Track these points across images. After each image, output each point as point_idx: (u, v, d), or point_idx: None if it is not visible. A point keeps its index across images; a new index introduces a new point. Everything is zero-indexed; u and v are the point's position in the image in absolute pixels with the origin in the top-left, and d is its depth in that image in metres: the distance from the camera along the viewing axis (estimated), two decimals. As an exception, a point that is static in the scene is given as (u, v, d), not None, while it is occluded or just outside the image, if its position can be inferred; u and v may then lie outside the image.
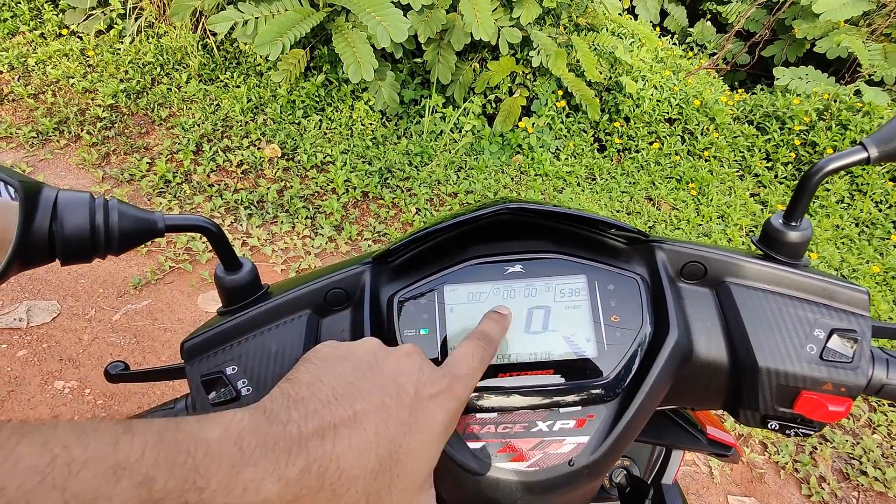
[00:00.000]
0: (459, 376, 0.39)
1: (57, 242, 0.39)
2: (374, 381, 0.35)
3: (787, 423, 0.48)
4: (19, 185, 0.37)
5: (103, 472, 0.25)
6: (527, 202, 0.46)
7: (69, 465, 0.25)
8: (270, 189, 2.85)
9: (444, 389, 0.37)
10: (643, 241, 0.49)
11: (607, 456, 0.44)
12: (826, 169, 0.45)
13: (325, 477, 0.30)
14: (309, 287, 0.49)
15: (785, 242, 0.49)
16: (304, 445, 0.30)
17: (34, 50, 3.36)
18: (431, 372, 0.37)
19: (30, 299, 2.20)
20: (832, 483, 2.03)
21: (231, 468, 0.28)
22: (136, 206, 0.43)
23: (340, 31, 2.87)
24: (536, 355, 0.46)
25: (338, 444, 0.31)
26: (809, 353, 0.45)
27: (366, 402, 0.33)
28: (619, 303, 0.46)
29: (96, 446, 0.26)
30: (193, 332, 0.49)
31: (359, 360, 0.36)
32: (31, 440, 0.25)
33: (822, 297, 0.46)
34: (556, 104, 3.43)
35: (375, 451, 0.32)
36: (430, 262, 0.50)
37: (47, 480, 0.24)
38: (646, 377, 0.44)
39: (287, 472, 0.29)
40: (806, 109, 3.57)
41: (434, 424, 0.35)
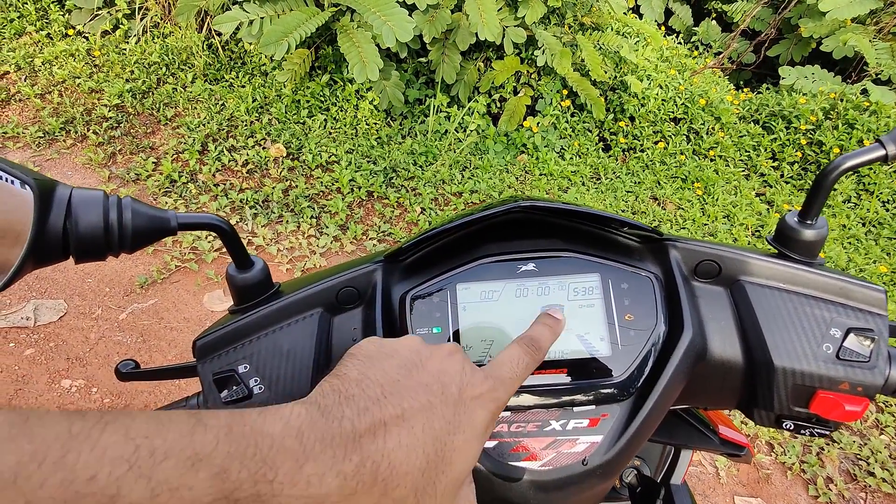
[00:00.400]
0: (502, 380, 0.39)
1: (71, 240, 0.39)
2: (420, 380, 0.36)
3: (803, 423, 0.47)
4: (34, 182, 0.37)
5: (183, 462, 0.26)
6: (539, 200, 0.45)
7: (152, 454, 0.26)
8: (275, 188, 2.85)
9: (487, 391, 0.37)
10: (656, 239, 0.49)
11: (621, 455, 0.44)
12: (843, 167, 0.45)
13: (378, 473, 0.31)
14: (320, 286, 0.49)
15: (800, 241, 0.48)
16: (358, 442, 0.31)
17: (41, 50, 3.38)
18: (473, 373, 0.38)
19: (37, 298, 2.21)
20: (839, 484, 2.01)
21: (295, 462, 0.29)
22: (149, 204, 0.43)
23: (345, 30, 2.87)
24: (550, 354, 0.46)
25: (389, 441, 0.32)
26: (826, 353, 0.45)
27: (413, 400, 0.34)
28: (633, 302, 0.46)
29: (174, 437, 0.27)
30: (205, 331, 0.49)
31: (403, 359, 0.37)
32: (113, 429, 0.26)
33: (839, 296, 0.46)
34: (560, 104, 3.42)
35: (423, 448, 0.33)
36: (442, 260, 0.49)
37: (134, 469, 0.25)
38: (660, 376, 0.44)
39: (344, 467, 0.30)
40: (812, 108, 3.55)
41: (476, 424, 0.36)
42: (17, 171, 0.37)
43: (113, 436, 0.25)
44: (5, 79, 3.23)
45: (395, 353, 0.37)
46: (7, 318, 2.11)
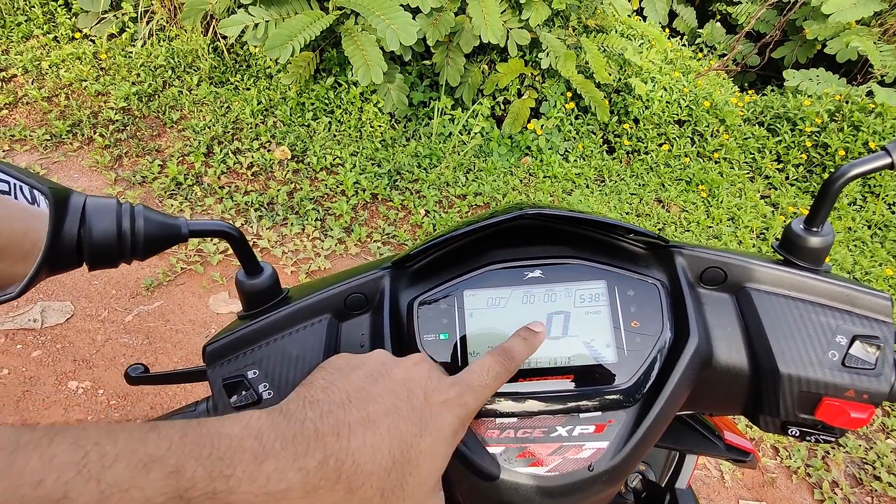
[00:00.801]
0: (471, 387, 0.39)
1: (85, 248, 0.40)
2: (385, 387, 0.36)
3: (808, 430, 0.47)
4: (49, 191, 0.37)
5: (134, 464, 0.27)
6: (546, 207, 0.46)
7: (102, 458, 0.26)
8: (280, 191, 2.86)
9: (454, 397, 0.38)
10: (662, 246, 0.49)
11: (627, 461, 0.44)
12: (849, 174, 0.45)
13: (342, 470, 0.31)
14: (329, 292, 0.50)
15: (806, 248, 0.48)
16: (321, 440, 0.32)
17: (48, 53, 3.40)
18: (440, 380, 0.39)
19: (44, 300, 2.23)
20: (845, 488, 2.01)
21: (254, 459, 0.29)
22: (161, 211, 0.44)
23: (350, 33, 2.89)
24: (556, 360, 0.46)
25: (353, 441, 0.32)
26: (831, 360, 0.45)
27: (378, 404, 0.35)
28: (639, 308, 0.46)
29: (125, 442, 0.27)
30: (215, 336, 0.50)
31: (370, 369, 0.38)
32: (62, 439, 0.27)
33: (845, 304, 0.46)
34: (564, 106, 3.42)
35: (388, 448, 0.33)
36: (450, 267, 0.50)
37: (83, 472, 0.26)
38: (666, 383, 0.44)
39: (306, 463, 0.30)
40: (817, 111, 3.54)
41: (443, 428, 0.36)
42: (33, 180, 0.37)
43: (61, 444, 0.26)
44: (13, 82, 3.25)
45: (361, 365, 0.38)
46: (14, 319, 2.13)
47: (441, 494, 0.38)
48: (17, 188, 0.39)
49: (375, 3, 2.75)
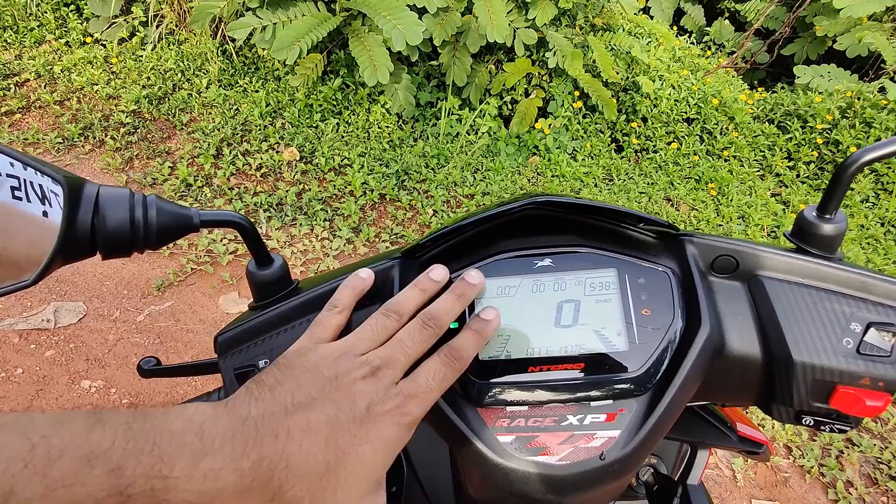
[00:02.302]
0: (414, 395, 0.40)
1: (98, 237, 0.40)
2: (331, 396, 0.37)
3: (822, 419, 0.47)
4: (64, 180, 0.38)
5: (79, 459, 0.28)
6: (554, 196, 0.46)
7: (48, 452, 0.27)
8: (289, 192, 2.88)
9: (396, 406, 0.39)
10: (673, 235, 0.49)
11: (638, 450, 0.44)
12: (862, 160, 0.45)
13: (275, 473, 0.33)
14: (339, 282, 0.50)
15: (819, 235, 0.48)
16: (259, 440, 0.33)
17: (60, 58, 3.45)
18: (386, 390, 0.39)
19: (57, 301, 2.26)
20: (860, 488, 1.98)
21: (192, 457, 0.30)
22: (172, 201, 0.44)
23: (357, 34, 2.90)
24: (566, 349, 0.46)
25: (289, 445, 0.34)
26: (846, 347, 0.44)
27: (319, 412, 0.36)
28: (650, 296, 0.46)
29: (71, 436, 0.28)
30: (226, 327, 0.50)
31: (320, 374, 0.39)
32: (10, 429, 0.27)
33: (859, 291, 0.46)
34: (572, 105, 3.42)
35: (324, 455, 0.35)
36: (459, 257, 0.50)
37: (29, 467, 0.26)
38: (677, 371, 0.44)
39: (242, 463, 0.32)
40: (828, 107, 3.50)
41: (384, 437, 0.38)
42: (48, 169, 0.38)
43: (9, 435, 0.27)
44: (26, 86, 3.30)
45: (314, 369, 0.39)
46: (28, 320, 2.15)
47: (380, 494, 0.39)
48: (28, 185, 0.40)
49: (382, 3, 2.76)
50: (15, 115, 3.11)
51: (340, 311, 0.45)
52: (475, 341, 0.43)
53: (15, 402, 1.90)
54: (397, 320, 0.44)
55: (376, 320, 0.43)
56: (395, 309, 0.44)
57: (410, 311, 0.44)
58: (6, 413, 0.29)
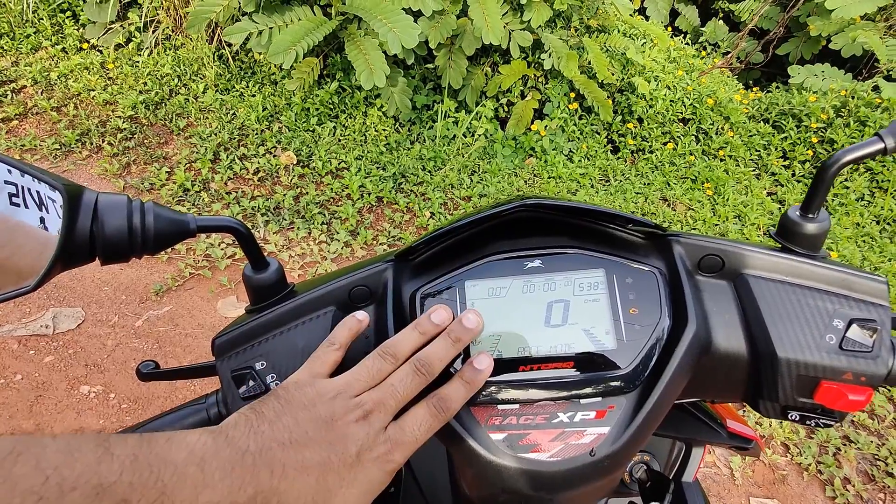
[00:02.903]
0: (400, 443, 0.42)
1: (97, 243, 0.41)
2: (325, 437, 0.39)
3: (808, 414, 0.48)
4: (63, 187, 0.39)
5: (88, 492, 0.29)
6: (544, 198, 0.47)
7: (60, 485, 0.29)
8: (286, 196, 2.89)
9: (383, 454, 0.41)
10: (660, 235, 0.50)
11: (628, 446, 0.45)
12: (842, 160, 0.46)
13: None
14: (333, 285, 0.51)
15: (803, 234, 0.49)
16: (256, 475, 0.35)
17: (56, 64, 3.46)
18: (376, 437, 0.41)
19: (55, 306, 2.26)
20: (857, 485, 1.99)
21: (193, 489, 0.32)
22: (170, 207, 0.45)
23: (353, 38, 2.91)
24: (556, 348, 0.47)
25: (283, 483, 0.36)
26: (829, 343, 0.45)
27: (314, 453, 0.38)
28: (638, 296, 0.47)
29: (81, 468, 0.30)
30: (223, 330, 0.51)
31: (317, 414, 0.40)
32: (25, 461, 0.29)
33: (841, 288, 0.47)
34: (568, 107, 3.43)
35: (313, 496, 0.37)
36: (451, 259, 0.51)
37: (43, 500, 0.28)
38: (665, 369, 0.45)
39: (238, 497, 0.33)
40: (823, 106, 3.52)
41: (369, 481, 0.40)
42: (47, 177, 0.39)
43: (24, 468, 0.28)
44: (22, 93, 3.31)
45: (311, 406, 0.41)
46: (27, 326, 2.16)
47: None
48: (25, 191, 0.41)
49: (377, 7, 2.77)
50: (12, 121, 3.12)
51: (338, 349, 0.47)
52: (465, 392, 0.45)
53: (14, 409, 1.91)
54: (393, 363, 0.45)
55: (372, 362, 0.45)
56: (392, 352, 0.45)
57: (407, 353, 0.45)
58: (19, 438, 0.30)
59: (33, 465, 0.29)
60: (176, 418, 0.53)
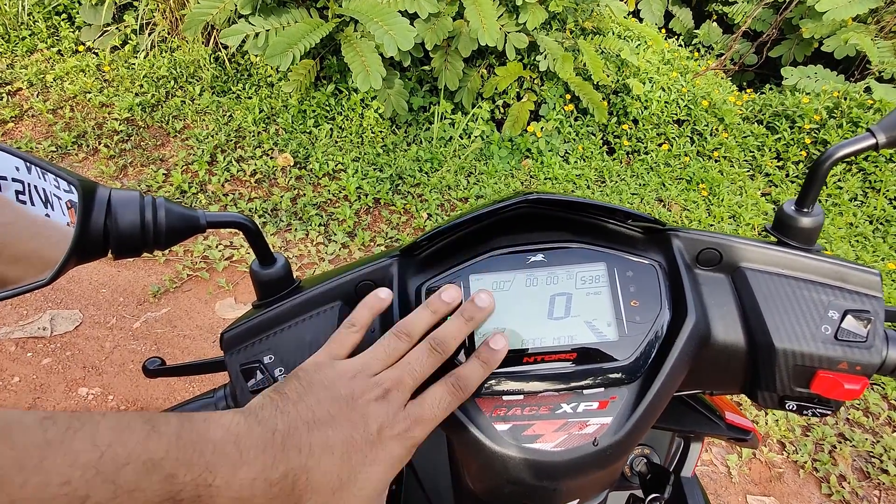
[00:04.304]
0: (420, 420, 0.43)
1: (111, 237, 0.42)
2: (348, 416, 0.41)
3: (805, 404, 0.49)
4: (78, 183, 0.39)
5: (139, 467, 0.31)
6: (546, 194, 0.48)
7: (115, 460, 0.30)
8: (284, 197, 2.89)
9: (403, 431, 0.42)
10: (659, 229, 0.51)
11: (630, 435, 0.46)
12: (836, 156, 0.47)
13: (297, 484, 0.36)
14: (339, 280, 0.52)
15: (798, 228, 0.50)
16: (286, 453, 0.36)
17: (52, 66, 3.45)
18: (396, 414, 0.42)
19: (53, 309, 2.25)
20: (853, 482, 2.01)
21: (231, 467, 0.34)
22: (180, 203, 0.46)
23: (349, 41, 2.92)
24: (559, 340, 0.48)
25: (310, 460, 0.37)
26: (824, 334, 0.47)
27: (338, 431, 0.39)
28: (639, 288, 0.48)
29: (133, 444, 0.31)
30: (232, 324, 0.52)
31: (337, 392, 0.41)
32: (82, 436, 0.30)
33: (836, 280, 0.48)
34: (563, 108, 3.45)
35: (338, 472, 0.38)
36: (455, 254, 0.52)
37: (101, 473, 0.29)
38: (665, 360, 0.46)
39: (271, 474, 0.35)
40: (816, 107, 3.56)
41: (390, 458, 0.41)
42: (64, 174, 0.39)
43: (82, 443, 0.30)
44: (18, 95, 3.30)
45: (332, 386, 0.42)
46: (24, 328, 2.15)
47: (383, 499, 0.42)
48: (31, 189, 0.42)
49: (374, 9, 2.78)
50: (8, 123, 3.11)
51: (357, 331, 0.47)
52: (482, 371, 0.45)
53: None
54: (408, 342, 0.46)
55: (388, 341, 0.46)
56: (406, 330, 0.46)
57: (421, 332, 0.46)
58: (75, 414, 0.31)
59: (90, 440, 0.30)
60: None
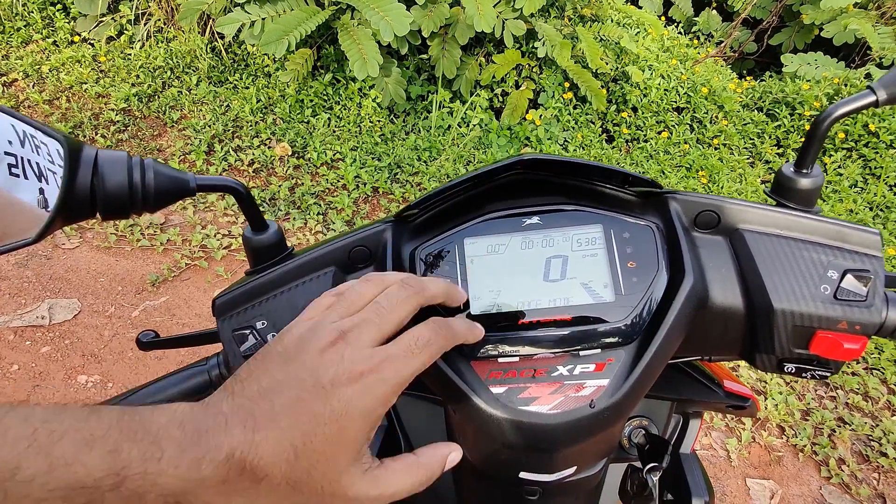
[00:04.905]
0: (392, 358, 0.37)
1: (98, 198, 0.41)
2: (295, 374, 0.36)
3: (803, 365, 0.49)
4: (64, 140, 0.39)
5: (79, 441, 0.29)
6: (541, 154, 0.47)
7: (50, 434, 0.29)
8: (282, 187, 2.88)
9: (368, 371, 0.36)
10: (656, 193, 0.50)
11: (627, 398, 0.46)
12: (836, 114, 0.46)
13: (246, 462, 0.33)
14: (333, 245, 0.51)
15: (797, 190, 0.50)
16: (229, 433, 0.33)
17: (48, 57, 3.43)
18: (353, 356, 0.36)
19: (51, 298, 2.25)
20: (852, 465, 2.01)
21: (178, 447, 0.32)
22: (169, 165, 0.45)
23: (346, 28, 2.90)
24: (555, 302, 0.47)
25: (257, 435, 0.34)
26: (824, 294, 0.46)
27: (283, 395, 0.35)
28: (636, 250, 0.48)
29: (70, 421, 0.30)
30: (224, 290, 0.51)
31: (287, 353, 0.37)
32: (14, 416, 0.29)
33: (836, 240, 0.47)
34: (562, 96, 3.43)
35: (290, 441, 0.34)
36: (450, 219, 0.51)
37: (33, 446, 0.28)
38: (662, 321, 0.46)
39: (216, 455, 0.33)
40: (816, 94, 3.54)
41: (352, 411, 0.35)
42: (51, 131, 0.39)
43: (14, 420, 0.29)
44: (14, 86, 3.28)
45: (282, 350, 0.38)
46: (23, 317, 2.15)
47: (364, 463, 0.37)
48: (25, 163, 0.41)
49: (371, -4, 2.76)
50: (4, 115, 3.09)
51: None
52: (469, 330, 0.43)
53: (12, 399, 1.90)
54: (379, 286, 0.41)
55: (355, 285, 0.41)
56: (376, 278, 0.42)
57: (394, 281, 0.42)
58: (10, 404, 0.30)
59: (23, 418, 0.29)
60: (178, 380, 0.54)
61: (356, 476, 0.36)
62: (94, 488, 0.29)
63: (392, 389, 0.36)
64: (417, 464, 0.38)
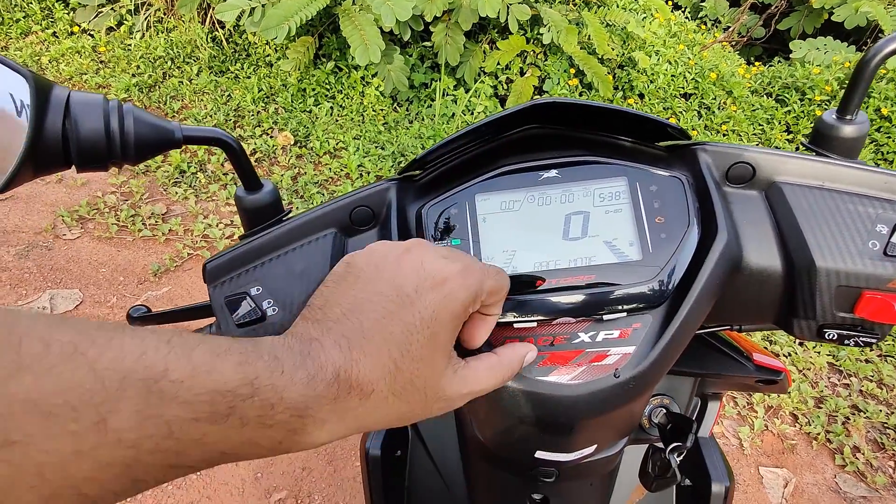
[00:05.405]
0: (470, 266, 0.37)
1: (71, 145, 0.37)
2: (376, 290, 0.36)
3: (847, 332, 0.44)
4: (31, 75, 0.35)
5: (213, 349, 0.30)
6: (559, 98, 0.43)
7: (185, 343, 0.29)
8: (284, 176, 2.84)
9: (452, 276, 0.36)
10: (684, 145, 0.46)
11: (654, 367, 0.42)
12: (885, 50, 0.42)
13: (352, 379, 0.33)
14: (334, 205, 0.47)
15: (840, 139, 0.45)
16: (328, 355, 0.34)
17: (47, 48, 3.40)
18: (434, 263, 0.37)
19: (52, 288, 2.23)
20: (867, 453, 1.97)
21: (293, 364, 0.32)
22: (152, 113, 0.41)
23: (347, 14, 2.85)
24: (576, 262, 0.43)
25: (354, 352, 0.34)
26: (872, 250, 0.42)
27: (369, 313, 0.35)
28: (663, 204, 0.44)
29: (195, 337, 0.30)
30: (215, 255, 0.48)
31: (362, 273, 0.38)
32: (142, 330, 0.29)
33: (884, 192, 0.43)
34: (568, 83, 3.38)
35: (388, 354, 0.34)
36: (459, 176, 0.47)
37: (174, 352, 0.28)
38: (694, 281, 0.42)
39: (325, 375, 0.33)
40: (827, 79, 3.47)
41: (441, 315, 0.36)
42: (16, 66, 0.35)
43: (147, 331, 0.29)
44: (14, 78, 3.25)
45: (355, 269, 0.38)
46: (24, 308, 2.12)
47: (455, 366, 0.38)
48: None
49: (373, -19, 2.71)
50: (3, 106, 3.07)
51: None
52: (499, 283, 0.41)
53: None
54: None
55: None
56: None
57: None
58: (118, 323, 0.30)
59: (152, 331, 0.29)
60: None
61: (450, 376, 0.37)
62: (234, 395, 0.29)
63: (472, 297, 0.37)
64: (499, 362, 0.39)
